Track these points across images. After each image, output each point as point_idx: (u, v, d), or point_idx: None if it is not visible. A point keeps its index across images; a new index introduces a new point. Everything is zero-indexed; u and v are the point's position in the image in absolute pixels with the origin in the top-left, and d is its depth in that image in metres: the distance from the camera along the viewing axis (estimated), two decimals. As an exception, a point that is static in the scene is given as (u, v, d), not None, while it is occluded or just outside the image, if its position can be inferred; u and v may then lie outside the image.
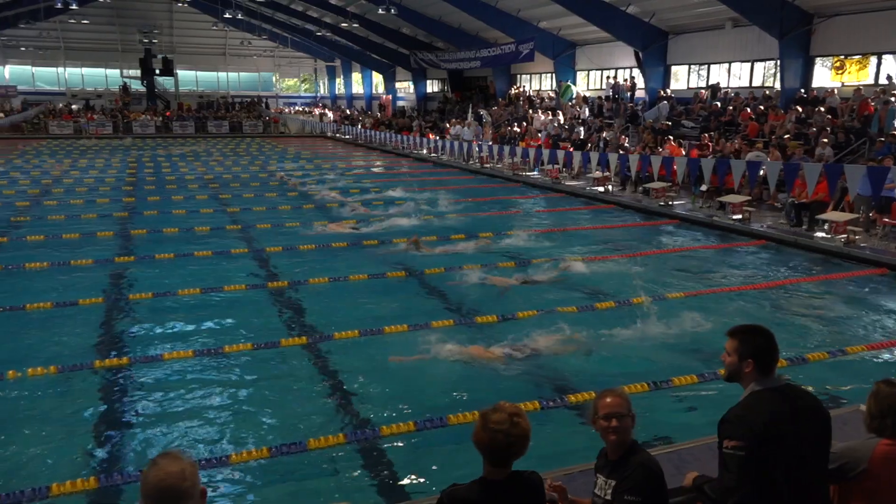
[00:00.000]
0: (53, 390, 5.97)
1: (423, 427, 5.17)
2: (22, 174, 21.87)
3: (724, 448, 2.70)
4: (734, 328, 2.92)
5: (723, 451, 2.71)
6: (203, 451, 4.98)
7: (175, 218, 14.20)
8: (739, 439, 2.66)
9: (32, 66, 57.53)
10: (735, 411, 2.76)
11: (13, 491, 4.31)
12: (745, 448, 2.64)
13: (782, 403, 2.74)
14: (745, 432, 2.66)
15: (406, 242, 10.14)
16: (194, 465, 2.08)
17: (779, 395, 2.77)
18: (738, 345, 2.83)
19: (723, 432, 2.73)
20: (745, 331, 2.88)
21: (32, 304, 8.15)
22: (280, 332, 7.51)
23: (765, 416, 2.68)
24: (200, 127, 42.79)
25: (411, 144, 30.53)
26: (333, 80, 61.86)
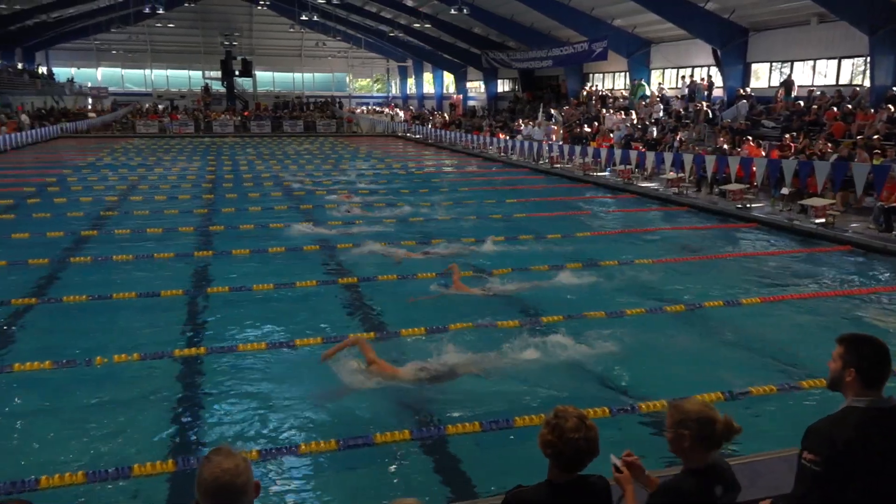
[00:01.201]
0: (136, 376, 6.25)
1: (489, 428, 5.16)
2: (111, 171, 23.02)
3: (802, 459, 2.58)
4: (844, 334, 2.74)
5: (800, 461, 2.59)
6: (273, 440, 5.12)
7: (251, 215, 14.65)
8: (818, 453, 2.52)
9: (122, 68, 60.55)
10: (822, 423, 2.61)
11: (99, 469, 4.54)
12: (821, 464, 2.50)
13: (876, 424, 2.55)
14: (824, 448, 2.51)
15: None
16: (247, 459, 2.14)
17: (875, 415, 2.57)
18: (843, 352, 2.67)
19: (804, 442, 2.60)
20: (854, 339, 2.70)
21: (118, 293, 8.56)
22: (349, 328, 7.64)
23: (850, 434, 2.51)
24: (276, 126, 44.00)
25: (481, 144, 30.53)
26: (405, 80, 62.50)
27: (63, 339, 7.24)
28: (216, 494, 2.03)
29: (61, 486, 4.36)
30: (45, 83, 50.72)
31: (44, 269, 9.94)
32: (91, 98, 54.49)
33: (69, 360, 6.43)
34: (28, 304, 8.32)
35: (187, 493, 4.36)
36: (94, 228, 13.15)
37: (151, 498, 4.45)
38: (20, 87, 45.23)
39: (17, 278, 9.47)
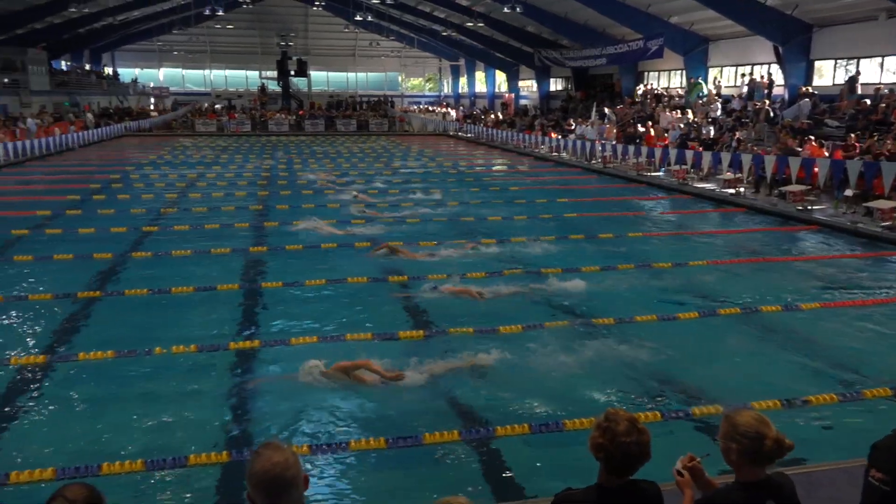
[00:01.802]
0: (193, 368, 6.43)
1: (539, 430, 5.13)
2: (171, 169, 23.74)
3: (870, 477, 2.46)
4: None
5: (867, 478, 2.49)
6: (324, 436, 5.20)
7: (304, 212, 14.89)
8: (887, 472, 2.40)
9: (183, 68, 62.43)
10: (890, 439, 2.50)
11: (157, 458, 4.69)
12: (891, 483, 2.37)
13: None
14: (894, 466, 2.41)
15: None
16: (296, 453, 2.17)
17: None
18: None
19: (871, 459, 2.48)
20: None
21: (177, 287, 8.83)
22: (399, 325, 7.70)
23: None
24: (330, 125, 44.60)
25: (532, 143, 30.36)
26: (457, 79, 62.59)
27: (125, 331, 7.49)
28: (267, 487, 2.08)
29: (121, 472, 4.52)
30: (111, 83, 52.67)
31: (107, 263, 10.33)
32: (153, 98, 56.34)
33: (130, 351, 6.67)
34: (93, 297, 8.65)
35: (239, 484, 4.47)
36: (155, 224, 13.58)
37: (205, 487, 4.56)
38: (87, 88, 47.07)
39: (83, 272, 9.86)
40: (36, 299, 8.51)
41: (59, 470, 4.47)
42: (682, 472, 2.72)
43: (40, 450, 4.97)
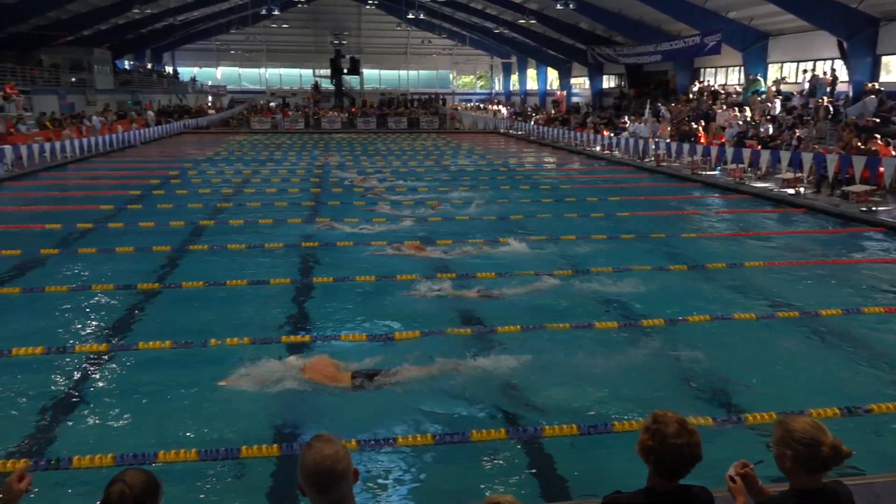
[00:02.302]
0: (247, 360, 6.56)
1: (587, 432, 5.08)
2: (227, 165, 24.31)
3: None
4: None
5: None
6: (371, 431, 5.25)
7: (355, 209, 15.06)
8: None
9: (239, 67, 63.93)
10: None
11: (210, 449, 4.82)
12: None
13: None
14: None
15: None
16: (346, 447, 2.21)
17: None
18: None
19: None
20: None
21: (231, 281, 9.04)
22: (448, 322, 7.71)
23: None
24: (381, 123, 45.00)
25: (584, 141, 30.02)
26: (508, 77, 62.34)
27: (182, 322, 7.72)
28: (317, 479, 2.12)
29: (176, 461, 4.66)
30: (171, 82, 54.30)
31: (166, 256, 10.65)
32: (211, 96, 57.84)
33: (186, 342, 6.86)
34: (152, 289, 8.93)
35: (290, 476, 4.56)
36: (211, 219, 13.93)
37: (257, 479, 4.66)
38: (149, 86, 48.63)
39: (143, 264, 10.19)
40: (99, 290, 8.84)
41: (119, 456, 4.63)
42: (735, 478, 2.67)
43: (101, 436, 5.16)
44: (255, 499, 4.47)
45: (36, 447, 5.02)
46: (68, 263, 10.28)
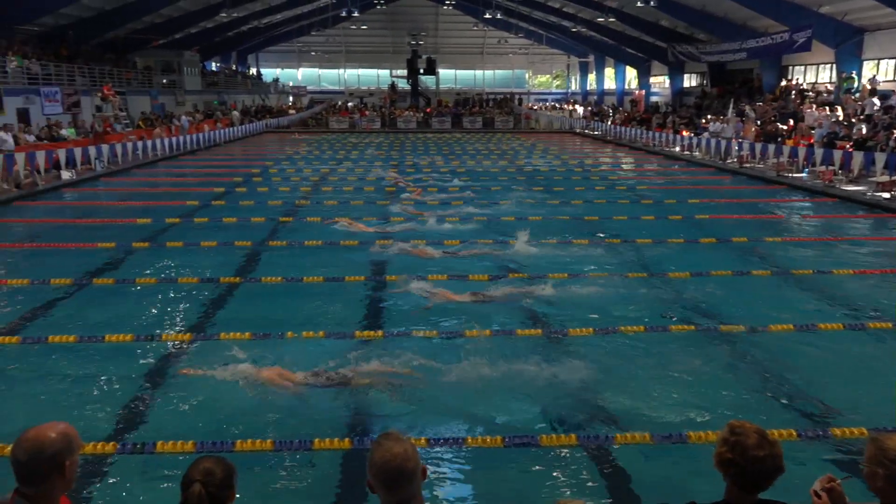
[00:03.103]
0: (322, 354, 6.71)
1: (660, 441, 4.95)
2: (306, 163, 24.96)
3: None
4: None
5: None
6: (440, 429, 5.27)
7: (429, 207, 15.16)
8: None
9: (319, 68, 65.55)
10: None
11: (285, 440, 4.96)
12: None
13: None
14: None
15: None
16: (415, 445, 2.23)
17: None
18: None
19: None
20: None
21: (308, 276, 9.28)
22: (518, 323, 7.67)
23: None
24: (456, 123, 45.17)
25: (663, 141, 29.26)
26: (585, 76, 61.49)
27: (261, 315, 7.97)
28: (386, 477, 2.15)
29: (252, 450, 4.81)
30: (254, 83, 56.18)
31: (246, 251, 11.03)
32: (291, 96, 59.52)
33: (265, 334, 7.09)
34: (233, 282, 9.27)
35: (359, 471, 4.64)
36: (290, 215, 14.33)
37: (327, 471, 4.76)
38: (234, 87, 50.49)
39: (225, 258, 10.59)
40: (184, 282, 9.24)
41: (199, 443, 4.83)
42: (821, 493, 2.54)
43: (182, 423, 5.38)
44: (325, 491, 4.57)
45: (123, 430, 5.29)
46: (157, 256, 10.78)
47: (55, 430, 2.26)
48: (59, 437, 2.24)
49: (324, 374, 6.12)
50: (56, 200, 16.89)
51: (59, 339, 6.94)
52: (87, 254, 10.80)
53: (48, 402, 5.71)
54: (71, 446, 2.26)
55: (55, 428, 2.27)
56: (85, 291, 8.90)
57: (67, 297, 8.65)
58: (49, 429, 2.26)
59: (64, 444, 2.24)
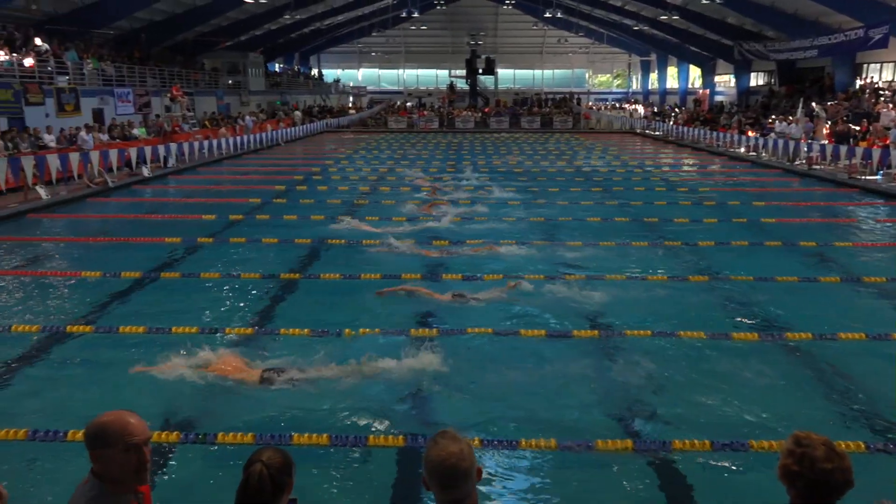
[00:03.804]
0: (378, 350, 6.78)
1: (720, 448, 4.82)
2: (364, 163, 25.28)
3: None
4: None
5: None
6: (494, 430, 5.26)
7: (487, 206, 15.16)
8: None
9: (379, 68, 66.38)
10: None
11: (340, 435, 5.04)
12: None
13: None
14: None
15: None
16: (470, 445, 2.23)
17: None
18: None
19: None
20: None
21: (365, 274, 9.40)
22: (573, 323, 7.59)
23: None
24: (514, 122, 44.99)
25: (727, 142, 28.47)
26: (647, 75, 60.36)
27: (319, 311, 8.12)
28: (441, 475, 2.16)
29: (308, 444, 4.91)
30: (316, 84, 57.23)
31: (307, 248, 11.25)
32: (351, 97, 60.41)
33: (323, 330, 7.22)
34: (292, 279, 9.47)
35: (413, 468, 4.67)
36: (348, 214, 14.52)
37: (382, 467, 4.81)
38: (296, 88, 51.58)
39: (286, 254, 10.83)
40: (246, 277, 9.49)
41: (258, 436, 4.96)
42: None
43: (241, 416, 5.52)
44: (379, 486, 4.62)
45: (186, 420, 5.47)
46: (220, 252, 11.11)
47: (133, 417, 2.37)
48: (138, 423, 2.35)
49: (381, 370, 6.18)
50: (127, 197, 17.58)
51: (128, 330, 7.23)
52: (156, 248, 11.22)
53: (116, 390, 5.94)
54: (138, 433, 2.34)
55: (131, 415, 2.38)
56: (153, 285, 9.24)
57: (137, 289, 9.01)
58: (127, 415, 2.37)
59: (137, 430, 2.34)
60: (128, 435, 2.30)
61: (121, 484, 2.33)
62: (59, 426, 5.10)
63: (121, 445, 2.29)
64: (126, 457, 2.29)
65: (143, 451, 2.32)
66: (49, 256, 11.05)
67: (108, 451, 2.29)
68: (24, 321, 7.64)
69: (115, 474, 2.31)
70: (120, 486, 2.33)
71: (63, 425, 5.10)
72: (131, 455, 2.30)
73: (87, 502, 2.28)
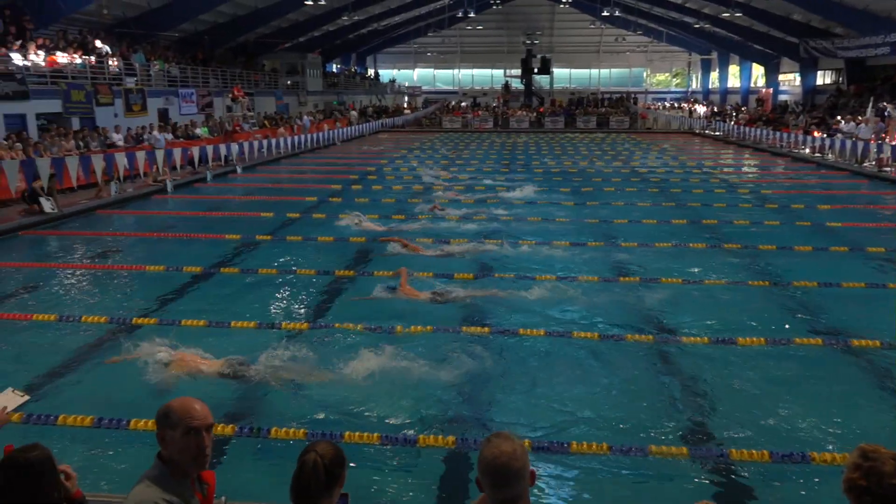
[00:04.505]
0: (430, 348, 6.79)
1: (780, 460, 4.67)
2: (418, 162, 25.42)
3: None
4: None
5: None
6: (547, 432, 5.23)
7: (539, 207, 15.06)
8: None
9: (434, 68, 66.64)
10: None
11: (391, 434, 5.09)
12: None
13: None
14: None
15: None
16: (524, 447, 2.22)
17: None
18: None
19: None
20: None
21: (419, 272, 9.44)
22: (627, 328, 7.48)
23: None
24: (570, 122, 44.55)
25: (791, 143, 27.55)
26: (707, 74, 58.92)
27: (372, 308, 8.20)
28: (493, 474, 2.17)
29: (360, 442, 4.95)
30: (372, 84, 57.86)
31: (361, 246, 11.40)
32: (407, 96, 60.85)
33: (376, 326, 7.33)
34: (348, 276, 9.60)
35: (462, 468, 4.67)
36: (402, 213, 14.64)
37: (434, 466, 4.84)
38: (352, 88, 52.26)
39: (341, 252, 10.99)
40: (302, 273, 9.66)
41: (309, 432, 5.05)
42: None
43: (291, 410, 5.62)
44: (428, 486, 4.64)
45: (240, 414, 5.60)
46: (278, 249, 11.34)
47: (198, 403, 2.48)
48: (201, 408, 2.46)
49: (432, 368, 6.21)
50: (189, 195, 18.13)
51: (190, 323, 7.47)
52: (216, 244, 11.54)
53: (180, 380, 6.13)
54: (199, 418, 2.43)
55: (197, 401, 2.49)
56: (213, 279, 9.51)
57: (198, 283, 9.29)
58: (192, 401, 2.49)
59: (199, 415, 2.43)
60: (189, 418, 2.41)
61: (181, 468, 2.42)
62: (122, 415, 5.30)
63: (182, 428, 2.40)
64: (186, 440, 2.40)
65: (202, 436, 2.41)
66: (116, 251, 11.49)
67: (170, 432, 2.41)
68: (93, 312, 7.96)
69: (176, 456, 2.42)
70: (180, 470, 2.43)
71: (126, 414, 5.30)
72: (191, 438, 2.40)
73: (147, 480, 2.40)
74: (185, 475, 2.45)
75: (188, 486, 2.46)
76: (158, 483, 2.38)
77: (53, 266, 10.49)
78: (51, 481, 2.44)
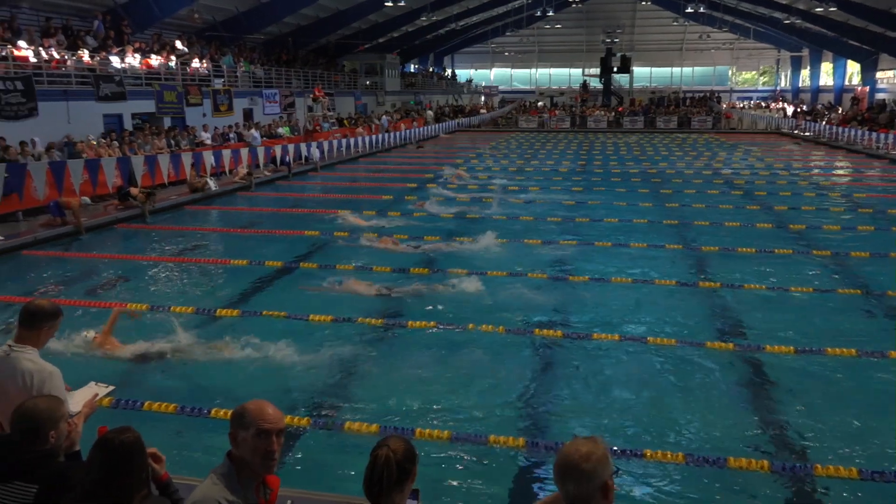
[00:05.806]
0: (501, 347, 6.81)
1: (870, 477, 4.44)
2: (494, 162, 25.39)
3: None
4: None
5: None
6: (620, 436, 5.15)
7: (615, 209, 14.80)
8: None
9: (511, 68, 66.43)
10: None
11: (461, 432, 5.11)
12: None
13: None
14: None
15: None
16: (607, 454, 2.17)
17: None
18: None
19: None
20: None
21: (492, 272, 9.44)
22: (706, 334, 7.26)
23: None
24: (649, 122, 43.53)
25: (888, 144, 26.01)
26: (797, 72, 56.36)
27: (450, 307, 8.25)
28: (560, 467, 2.18)
29: (430, 439, 5.01)
30: (449, 83, 58.19)
31: (435, 245, 11.48)
32: (483, 96, 60.87)
33: (448, 323, 7.43)
34: (423, 273, 9.69)
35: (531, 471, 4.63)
36: (477, 214, 14.66)
37: (503, 466, 4.84)
38: (430, 88, 52.70)
39: (416, 251, 11.10)
40: (377, 271, 9.81)
41: (382, 427, 5.14)
42: None
43: (367, 407, 5.72)
44: (498, 484, 4.65)
45: (314, 407, 5.74)
46: (352, 245, 11.57)
47: (271, 407, 2.56)
48: (274, 413, 2.53)
49: (501, 369, 6.21)
50: (272, 192, 18.72)
51: (271, 314, 7.73)
52: (296, 240, 11.89)
53: (258, 372, 6.35)
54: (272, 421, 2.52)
55: (270, 405, 2.57)
56: (293, 274, 9.81)
57: (278, 277, 9.61)
58: (266, 404, 2.56)
59: (272, 419, 2.52)
60: (262, 421, 2.50)
61: (249, 469, 2.51)
62: (204, 404, 5.53)
63: (254, 429, 2.48)
64: (256, 441, 2.48)
65: (272, 440, 2.50)
66: (202, 245, 11.99)
67: (242, 432, 2.50)
68: (180, 303, 8.34)
69: (246, 456, 2.51)
70: (248, 470, 2.52)
71: (207, 403, 5.54)
72: (261, 441, 2.48)
73: (214, 476, 2.50)
74: (252, 476, 2.53)
75: (252, 488, 2.54)
76: (224, 481, 2.47)
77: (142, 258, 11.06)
78: (140, 462, 2.57)
